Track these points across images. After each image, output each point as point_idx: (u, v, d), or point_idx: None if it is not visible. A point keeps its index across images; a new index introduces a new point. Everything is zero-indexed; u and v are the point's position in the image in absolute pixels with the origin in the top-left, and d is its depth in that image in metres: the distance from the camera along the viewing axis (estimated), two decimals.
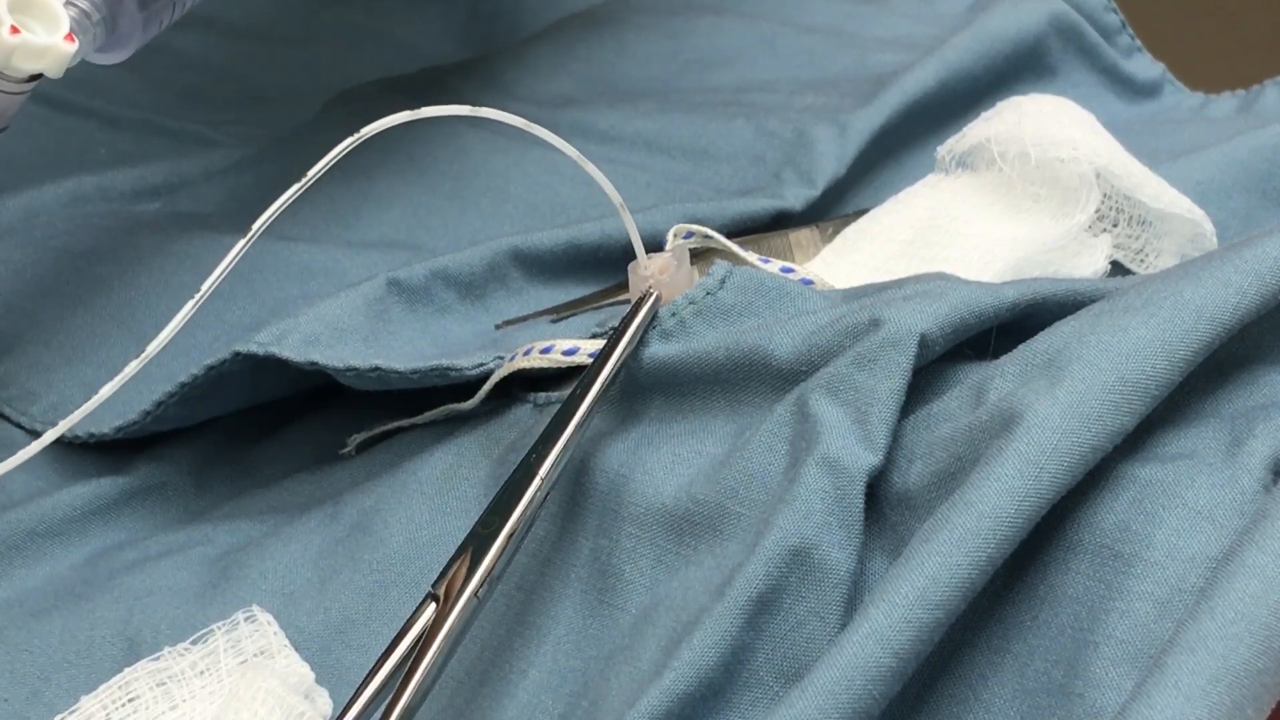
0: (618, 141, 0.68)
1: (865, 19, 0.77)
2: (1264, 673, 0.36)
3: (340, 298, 0.54)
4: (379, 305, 0.55)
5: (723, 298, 0.49)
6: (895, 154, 0.66)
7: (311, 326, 0.52)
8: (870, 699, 0.38)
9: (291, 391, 0.56)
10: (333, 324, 0.53)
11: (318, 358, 0.51)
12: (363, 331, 0.53)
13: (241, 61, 0.76)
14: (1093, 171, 0.55)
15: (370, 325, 0.54)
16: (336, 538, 0.50)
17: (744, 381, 0.47)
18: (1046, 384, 0.41)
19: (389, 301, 0.55)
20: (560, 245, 0.59)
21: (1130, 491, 0.41)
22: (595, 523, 0.46)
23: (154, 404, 0.53)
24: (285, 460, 0.56)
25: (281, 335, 0.52)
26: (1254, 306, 0.43)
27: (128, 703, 0.45)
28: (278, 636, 0.46)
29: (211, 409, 0.55)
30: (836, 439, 0.43)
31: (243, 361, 0.52)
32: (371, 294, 0.55)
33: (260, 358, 0.52)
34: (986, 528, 0.39)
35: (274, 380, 0.54)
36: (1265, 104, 0.69)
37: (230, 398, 0.54)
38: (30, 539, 0.52)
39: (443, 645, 0.41)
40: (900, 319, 0.44)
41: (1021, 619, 0.41)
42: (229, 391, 0.54)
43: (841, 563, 0.42)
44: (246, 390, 0.54)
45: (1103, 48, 0.70)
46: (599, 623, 0.45)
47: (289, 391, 0.55)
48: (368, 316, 0.54)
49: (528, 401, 0.51)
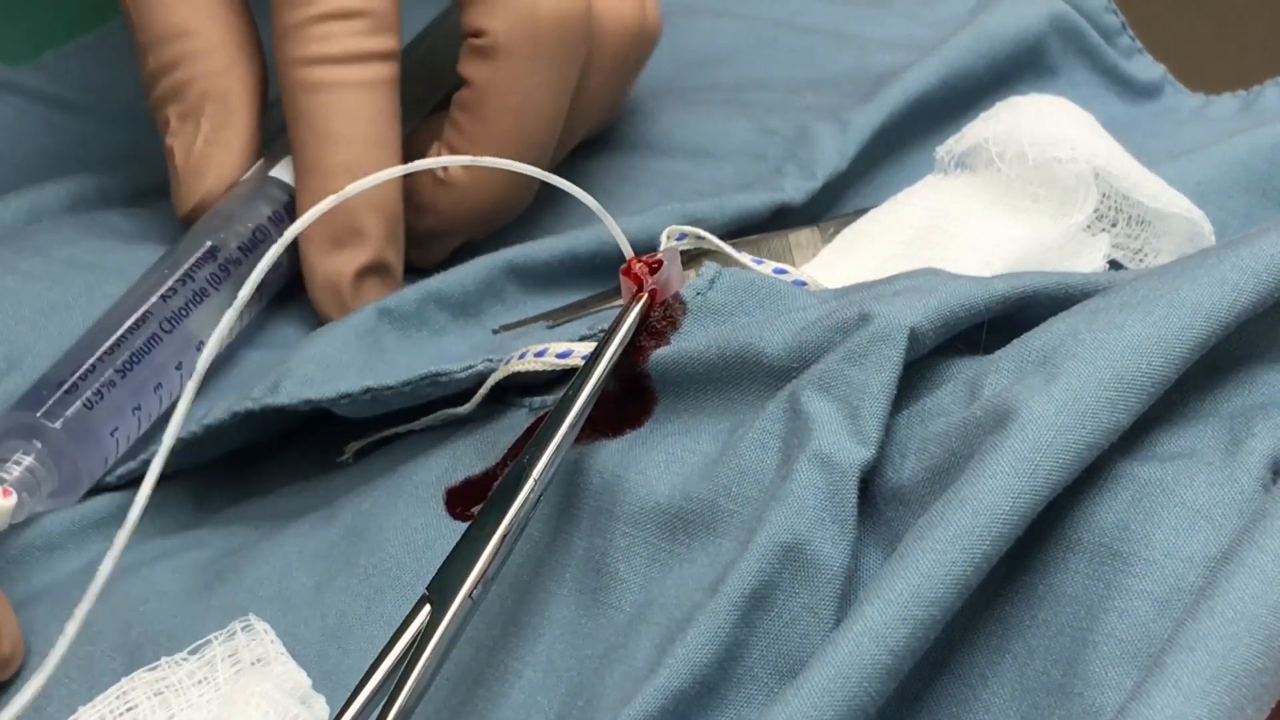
0: (617, 141, 0.68)
1: (866, 20, 0.77)
2: (1264, 672, 0.35)
3: (329, 333, 0.54)
4: (370, 336, 0.55)
5: (712, 298, 0.49)
6: (895, 152, 0.66)
7: (304, 369, 0.52)
8: (866, 696, 0.38)
9: (289, 425, 0.56)
10: (325, 362, 0.53)
11: (311, 395, 0.51)
12: (356, 364, 0.53)
13: None
14: (1091, 171, 0.55)
15: (364, 357, 0.54)
16: (332, 542, 0.50)
17: (735, 380, 0.47)
18: (1041, 380, 0.41)
19: (380, 331, 0.55)
20: (557, 256, 0.59)
21: (1129, 490, 0.41)
22: (589, 522, 0.46)
23: (151, 452, 0.53)
24: (282, 469, 0.56)
25: (275, 386, 0.52)
26: (1251, 304, 0.43)
27: (125, 712, 0.45)
28: (275, 645, 0.46)
29: (210, 453, 0.55)
30: (828, 434, 0.43)
31: (239, 416, 0.52)
32: (361, 325, 0.55)
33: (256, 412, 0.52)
34: (982, 524, 0.39)
35: (271, 421, 0.54)
36: (1265, 104, 0.69)
37: (228, 441, 0.54)
38: (27, 552, 0.52)
39: (438, 647, 0.41)
40: (890, 313, 0.44)
41: (1020, 618, 0.41)
42: (226, 437, 0.54)
43: (835, 559, 0.42)
44: (244, 433, 0.54)
45: (1103, 48, 0.71)
46: (593, 622, 0.45)
47: (287, 425, 0.56)
48: (360, 349, 0.54)
49: (523, 406, 0.51)
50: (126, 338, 0.55)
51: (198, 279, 0.57)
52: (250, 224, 0.59)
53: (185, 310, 0.56)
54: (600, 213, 0.48)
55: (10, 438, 0.51)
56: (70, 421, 0.52)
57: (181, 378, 0.56)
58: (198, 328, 0.56)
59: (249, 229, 0.59)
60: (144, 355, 0.55)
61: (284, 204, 0.60)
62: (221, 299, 0.57)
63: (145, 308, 0.55)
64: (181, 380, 0.56)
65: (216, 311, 0.57)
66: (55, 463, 0.52)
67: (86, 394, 0.53)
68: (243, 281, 0.57)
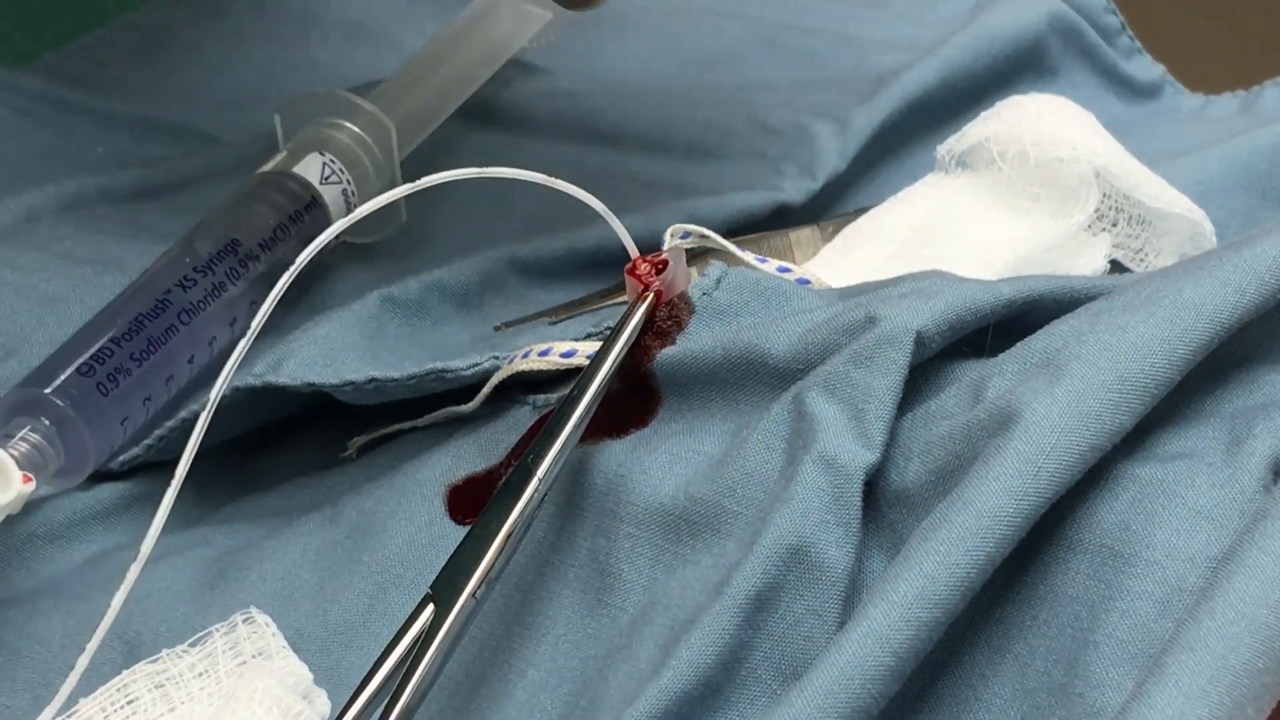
0: (619, 141, 0.68)
1: (866, 21, 0.78)
2: (1264, 672, 0.36)
3: (333, 318, 0.54)
4: (374, 323, 0.55)
5: (718, 298, 0.49)
6: (895, 152, 0.66)
7: (307, 351, 0.52)
8: (869, 698, 0.38)
9: (291, 412, 0.55)
10: (327, 345, 0.53)
11: (314, 378, 0.51)
12: (359, 349, 0.53)
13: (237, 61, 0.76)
14: (1092, 171, 0.56)
15: (366, 343, 0.54)
16: (335, 540, 0.50)
17: (741, 381, 0.47)
18: (1045, 382, 0.41)
19: (384, 318, 0.55)
20: (559, 251, 0.59)
21: (1130, 491, 0.41)
22: (593, 523, 0.46)
23: (156, 438, 0.53)
24: (285, 465, 0.56)
25: (277, 364, 0.52)
26: (1254, 305, 0.43)
27: (126, 704, 0.45)
28: (276, 638, 0.46)
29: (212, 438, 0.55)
30: (833, 437, 0.43)
31: (242, 393, 0.52)
32: (365, 312, 0.55)
33: (258, 388, 0.52)
34: (985, 526, 0.39)
35: (273, 405, 0.54)
36: (1265, 104, 0.69)
37: (230, 426, 0.54)
38: (29, 542, 0.52)
39: (441, 646, 0.41)
40: (896, 316, 0.44)
41: (1022, 619, 0.41)
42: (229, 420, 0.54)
43: (839, 561, 0.42)
44: (245, 417, 0.54)
45: (1102, 48, 0.71)
46: (597, 622, 0.45)
47: (289, 412, 0.55)
48: (363, 334, 0.54)
49: (526, 403, 0.51)
50: (145, 324, 0.54)
51: (217, 272, 0.57)
52: (271, 221, 0.59)
53: (204, 303, 0.56)
54: (606, 215, 0.48)
55: (19, 414, 0.51)
56: (81, 402, 0.51)
57: (191, 371, 0.56)
58: (211, 322, 0.56)
59: (269, 226, 0.59)
60: (160, 345, 0.54)
61: (305, 203, 0.60)
62: (237, 295, 0.57)
63: (165, 294, 0.55)
64: (190, 374, 0.56)
65: (231, 307, 0.57)
66: (63, 442, 0.51)
67: (101, 378, 0.52)
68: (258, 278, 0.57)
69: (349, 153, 0.62)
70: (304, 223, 0.59)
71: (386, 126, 0.63)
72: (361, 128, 0.62)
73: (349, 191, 0.61)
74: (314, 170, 0.61)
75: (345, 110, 0.63)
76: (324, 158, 0.61)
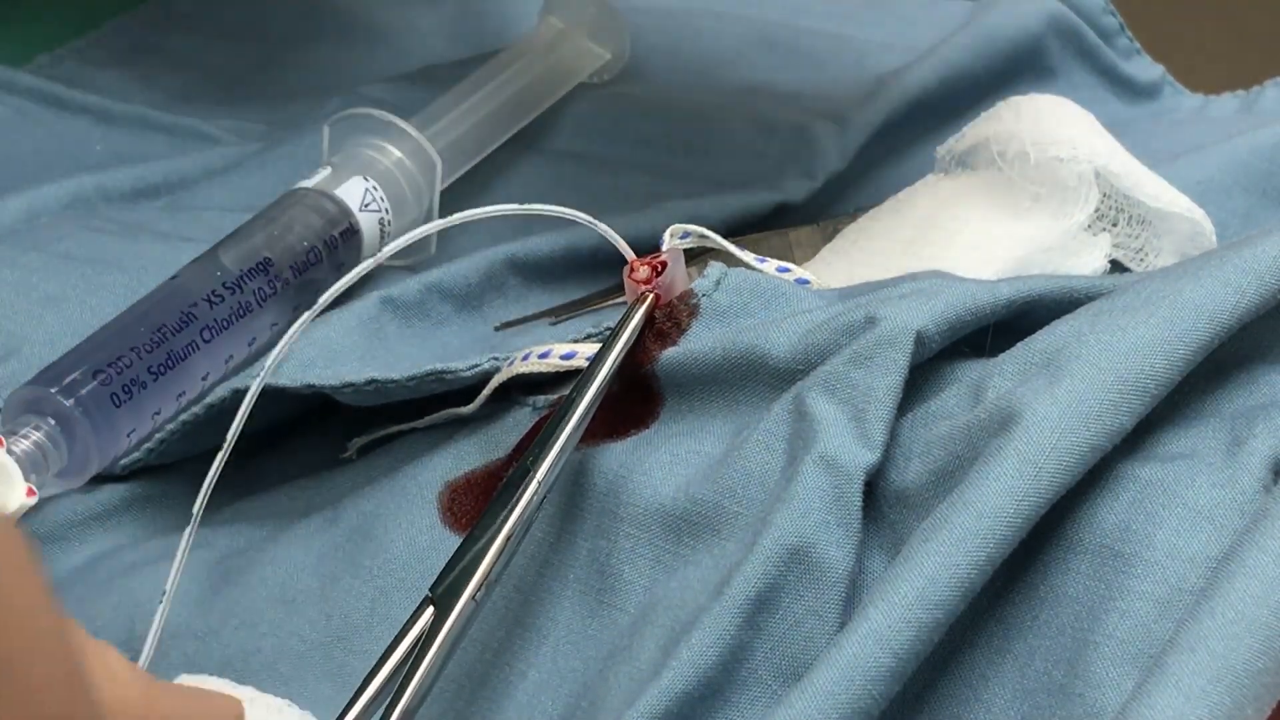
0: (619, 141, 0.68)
1: (865, 21, 0.78)
2: (1264, 673, 0.36)
3: (332, 320, 0.54)
4: (373, 324, 0.55)
5: (718, 299, 0.49)
6: (895, 152, 0.66)
7: (306, 352, 0.52)
8: (870, 699, 0.38)
9: (292, 413, 0.55)
10: (327, 347, 0.53)
11: (313, 380, 0.51)
12: (358, 351, 0.53)
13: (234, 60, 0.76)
14: (1092, 171, 0.56)
15: (366, 344, 0.54)
16: (336, 543, 0.50)
17: (741, 381, 0.47)
18: (1045, 383, 0.41)
19: (383, 320, 0.55)
20: (559, 251, 0.59)
21: (1130, 491, 0.41)
22: (593, 524, 0.46)
23: (157, 440, 0.53)
24: (285, 466, 0.56)
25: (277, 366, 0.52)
26: (1253, 306, 0.43)
27: None
28: None
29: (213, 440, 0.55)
30: (834, 437, 0.43)
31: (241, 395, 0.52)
32: (365, 313, 0.55)
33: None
34: (986, 527, 0.39)
35: (274, 407, 0.53)
36: (1265, 104, 0.69)
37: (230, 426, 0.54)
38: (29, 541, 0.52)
39: (441, 648, 0.41)
40: (896, 316, 0.44)
41: (1022, 619, 0.41)
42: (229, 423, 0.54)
43: (840, 561, 0.42)
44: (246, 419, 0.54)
45: (1101, 49, 0.71)
46: (598, 623, 0.45)
47: (290, 414, 0.55)
48: (362, 336, 0.54)
49: (526, 405, 0.51)
50: (167, 337, 0.54)
51: (245, 290, 0.56)
52: (305, 242, 0.58)
53: (228, 321, 0.55)
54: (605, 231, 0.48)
55: (27, 412, 0.51)
56: (93, 411, 0.51)
57: (203, 387, 0.55)
58: (231, 340, 0.56)
59: (304, 249, 0.58)
60: (179, 360, 0.54)
61: (341, 229, 0.59)
62: (264, 316, 0.57)
63: (191, 307, 0.55)
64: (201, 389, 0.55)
65: (251, 327, 0.56)
66: (67, 443, 0.51)
67: (117, 388, 0.52)
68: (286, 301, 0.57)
69: (391, 180, 0.62)
70: (338, 251, 0.59)
71: (432, 160, 0.62)
72: (406, 154, 0.62)
73: (385, 221, 0.61)
74: (355, 195, 0.60)
75: (394, 135, 0.62)
76: (367, 184, 0.61)
